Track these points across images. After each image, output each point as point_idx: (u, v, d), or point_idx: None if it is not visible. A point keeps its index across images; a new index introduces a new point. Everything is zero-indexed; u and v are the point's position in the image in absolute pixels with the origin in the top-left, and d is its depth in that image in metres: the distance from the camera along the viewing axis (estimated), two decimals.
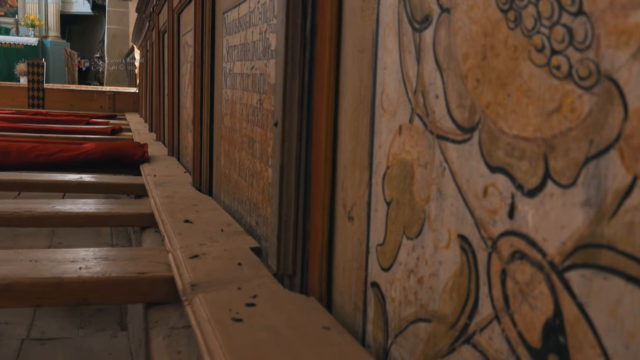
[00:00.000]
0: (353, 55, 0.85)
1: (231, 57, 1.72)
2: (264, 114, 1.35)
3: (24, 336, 2.39)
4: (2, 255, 1.14)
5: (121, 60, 12.27)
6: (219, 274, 1.02)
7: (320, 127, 0.92)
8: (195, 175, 2.10)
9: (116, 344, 2.40)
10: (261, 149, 1.38)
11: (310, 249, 0.95)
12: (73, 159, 2.69)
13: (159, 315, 1.01)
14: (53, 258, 1.14)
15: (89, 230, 3.97)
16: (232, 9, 1.70)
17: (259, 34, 1.40)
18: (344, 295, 0.88)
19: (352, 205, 0.85)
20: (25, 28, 15.99)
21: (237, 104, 1.65)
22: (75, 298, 1.04)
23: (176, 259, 1.10)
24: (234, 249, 1.18)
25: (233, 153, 1.69)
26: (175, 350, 0.87)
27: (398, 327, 0.71)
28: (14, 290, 1.00)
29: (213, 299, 0.89)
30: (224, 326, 0.79)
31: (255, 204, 1.43)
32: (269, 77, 1.30)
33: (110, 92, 8.02)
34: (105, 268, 1.09)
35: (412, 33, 0.68)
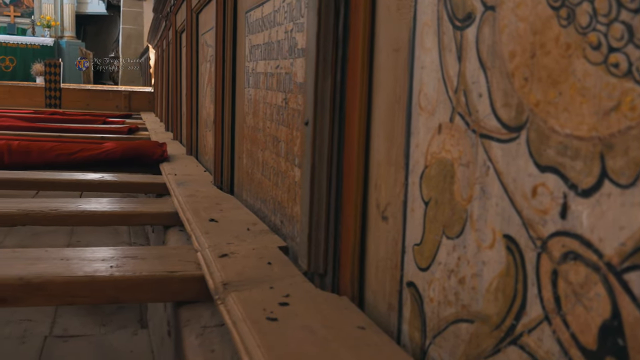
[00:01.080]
0: (387, 54, 0.85)
1: (254, 56, 1.72)
2: (290, 113, 1.35)
3: (46, 333, 2.41)
4: (33, 253, 1.15)
5: (133, 60, 12.36)
6: (249, 273, 1.02)
7: (352, 126, 0.91)
8: (216, 174, 2.11)
9: (137, 342, 2.42)
10: (287, 148, 1.38)
11: (342, 248, 0.95)
12: (93, 158, 2.71)
13: (190, 314, 1.01)
14: (84, 257, 1.14)
15: (107, 228, 4.00)
16: (255, 8, 1.71)
17: (284, 33, 1.40)
18: (377, 294, 0.88)
19: (386, 204, 0.85)
20: (41, 28, 16.14)
21: (260, 103, 1.65)
22: (108, 296, 1.05)
23: (206, 258, 1.10)
24: (262, 248, 1.18)
25: (256, 152, 1.69)
26: (209, 349, 0.87)
27: (437, 328, 0.71)
28: (47, 289, 1.01)
29: (246, 298, 0.90)
30: (259, 325, 0.79)
31: (280, 203, 1.43)
32: (296, 76, 1.30)
33: (126, 92, 8.06)
34: (135, 267, 1.10)
35: (453, 31, 0.68)
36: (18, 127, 4.47)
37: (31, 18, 16.35)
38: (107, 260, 1.13)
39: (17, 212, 1.59)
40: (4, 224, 1.60)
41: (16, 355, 2.22)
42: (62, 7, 16.41)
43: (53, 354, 2.26)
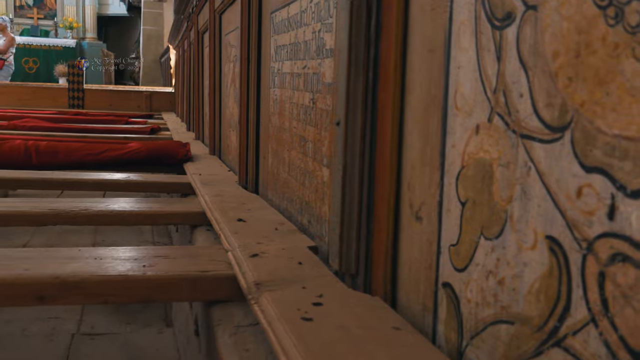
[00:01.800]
0: (422, 54, 0.84)
1: (279, 56, 1.73)
2: (318, 113, 1.35)
3: (74, 331, 2.45)
4: (67, 253, 1.16)
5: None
6: (281, 272, 1.02)
7: (385, 126, 0.91)
8: (241, 173, 2.12)
9: (162, 340, 2.44)
10: (314, 148, 1.38)
11: (374, 248, 0.95)
12: (119, 158, 2.74)
13: (222, 313, 1.02)
14: (117, 256, 1.16)
15: (131, 228, 4.04)
16: (280, 9, 1.71)
17: (312, 33, 1.40)
18: (410, 295, 0.88)
19: (420, 205, 0.85)
20: (64, 30, 16.36)
21: (286, 103, 1.65)
22: (141, 296, 1.06)
23: (236, 258, 1.11)
24: (291, 248, 1.18)
25: (282, 152, 1.70)
26: (243, 348, 0.88)
27: (474, 329, 0.71)
28: (82, 288, 1.02)
29: (279, 297, 0.90)
30: (295, 325, 0.79)
31: (307, 203, 1.43)
32: (324, 77, 1.30)
33: (147, 92, 8.13)
34: (167, 266, 1.11)
35: (491, 31, 0.67)
36: (43, 128, 4.53)
37: (54, 20, 16.58)
38: (139, 259, 1.14)
39: (49, 212, 1.62)
40: (35, 223, 1.62)
41: (45, 352, 2.26)
42: (84, 9, 16.61)
43: (80, 352, 2.29)
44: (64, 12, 16.48)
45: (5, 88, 8.04)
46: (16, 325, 2.46)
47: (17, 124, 4.53)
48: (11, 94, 7.82)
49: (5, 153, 2.72)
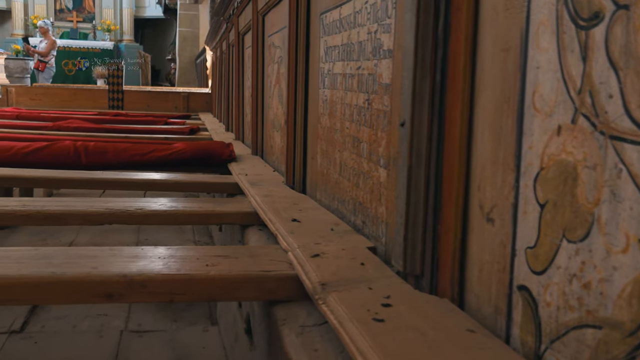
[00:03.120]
0: (493, 55, 0.84)
1: (330, 57, 1.74)
2: (374, 113, 1.35)
3: (122, 328, 2.50)
4: (131, 251, 1.19)
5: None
6: (344, 273, 1.03)
7: (453, 127, 0.91)
8: (288, 174, 2.13)
9: (207, 338, 2.47)
10: (369, 149, 1.38)
11: (441, 249, 0.95)
12: (165, 158, 2.78)
13: (286, 313, 1.02)
14: (179, 255, 1.18)
15: (172, 227, 4.10)
16: (331, 10, 1.72)
17: (367, 34, 1.40)
18: (480, 297, 0.87)
19: (492, 206, 0.84)
20: (102, 32, 16.71)
21: (337, 104, 1.66)
22: (205, 294, 1.08)
23: (298, 258, 1.12)
24: (351, 249, 1.18)
25: (332, 153, 1.70)
26: (312, 348, 0.88)
27: (555, 333, 0.70)
28: (149, 286, 1.05)
29: (347, 298, 0.90)
30: (367, 326, 0.79)
31: (362, 203, 1.43)
32: (381, 77, 1.30)
33: (184, 93, 8.24)
34: (230, 266, 1.12)
35: (575, 31, 0.66)
36: (86, 129, 4.63)
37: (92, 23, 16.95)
38: (200, 259, 1.16)
39: (105, 211, 1.66)
40: (92, 222, 1.66)
41: (96, 348, 2.31)
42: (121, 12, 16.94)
43: (129, 348, 2.34)
44: (102, 15, 16.83)
45: (48, 90, 8.25)
46: (67, 322, 2.52)
47: (62, 125, 4.64)
48: (53, 96, 8.01)
49: (55, 153, 2.78)
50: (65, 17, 16.90)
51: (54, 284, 1.03)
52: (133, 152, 2.81)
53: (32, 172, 2.32)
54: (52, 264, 1.09)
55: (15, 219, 1.60)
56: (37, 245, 3.65)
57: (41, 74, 10.88)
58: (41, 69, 10.75)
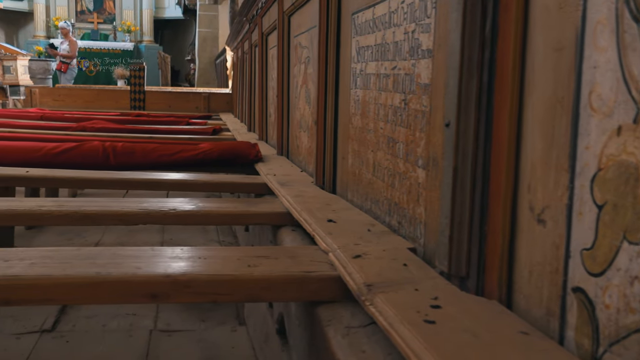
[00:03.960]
0: (545, 54, 0.83)
1: (362, 57, 1.73)
2: (411, 114, 1.35)
3: (151, 327, 2.52)
4: (172, 252, 1.20)
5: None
6: (388, 274, 1.02)
7: (501, 128, 0.90)
8: (318, 174, 2.13)
9: (236, 338, 2.48)
10: (406, 150, 1.38)
11: (488, 251, 0.94)
12: (192, 159, 2.80)
13: (330, 313, 1.02)
14: (219, 256, 1.19)
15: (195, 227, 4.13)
16: (364, 10, 1.71)
17: (404, 34, 1.40)
18: (530, 299, 0.86)
19: (543, 207, 0.83)
20: (122, 33, 16.87)
21: (370, 104, 1.65)
22: (248, 295, 1.08)
23: (339, 259, 1.12)
24: (391, 249, 1.18)
25: (365, 153, 1.70)
26: (359, 349, 0.88)
27: (615, 335, 0.69)
28: (192, 286, 1.05)
29: (394, 299, 0.90)
30: (418, 328, 0.79)
31: (397, 204, 1.43)
32: (419, 77, 1.30)
33: (205, 94, 8.29)
34: (271, 267, 1.12)
35: (637, 30, 0.65)
36: (110, 129, 4.67)
37: (113, 24, 17.12)
38: (242, 259, 1.16)
39: (140, 212, 1.67)
40: (127, 222, 1.68)
41: (126, 347, 2.33)
42: (141, 13, 17.09)
43: (159, 347, 2.36)
44: (123, 16, 16.99)
45: (71, 90, 8.36)
46: (96, 321, 2.55)
47: (86, 126, 4.69)
48: (76, 97, 8.11)
49: (84, 154, 2.82)
50: (86, 19, 17.09)
51: (100, 284, 1.04)
52: (160, 152, 2.84)
53: (63, 173, 2.35)
54: (96, 264, 1.10)
55: (52, 219, 1.62)
56: (65, 245, 3.70)
57: (63, 75, 11.02)
58: (64, 70, 10.89)
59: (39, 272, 1.05)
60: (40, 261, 1.10)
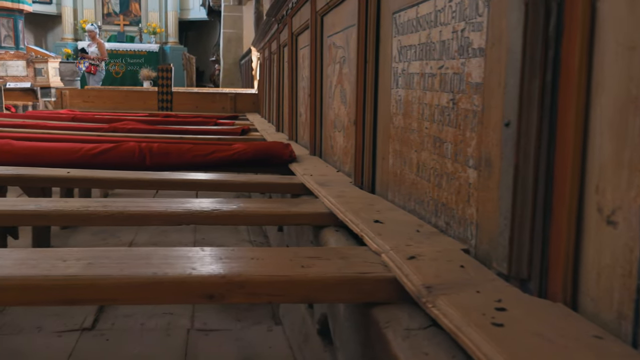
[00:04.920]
0: (616, 53, 0.81)
1: (404, 57, 1.72)
2: (460, 113, 1.33)
3: (188, 326, 2.54)
4: (224, 252, 1.20)
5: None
6: (446, 276, 1.01)
7: (566, 128, 0.89)
8: (356, 174, 2.13)
9: (273, 338, 2.49)
10: (455, 150, 1.36)
11: (551, 252, 0.92)
12: (227, 159, 2.82)
13: (387, 315, 1.02)
14: (271, 256, 1.19)
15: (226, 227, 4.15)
16: (406, 9, 1.70)
17: (452, 32, 1.38)
18: (598, 302, 0.84)
19: (614, 209, 0.82)
20: (148, 35, 17.05)
21: (414, 104, 1.64)
22: (302, 296, 1.08)
23: (394, 260, 1.11)
24: (445, 251, 1.17)
25: (407, 153, 1.69)
26: (422, 351, 0.87)
27: None
28: (248, 287, 1.05)
29: (457, 301, 0.89)
30: (487, 331, 0.78)
31: (445, 204, 1.41)
32: (469, 77, 1.28)
33: (231, 94, 8.34)
34: (325, 268, 1.12)
35: None
36: (140, 130, 4.72)
37: (138, 26, 17.32)
38: (293, 260, 1.16)
39: (183, 212, 1.68)
40: (171, 222, 1.69)
41: (165, 346, 2.35)
42: (166, 15, 17.26)
43: (197, 346, 2.37)
44: (148, 18, 17.18)
45: (100, 92, 8.47)
46: (135, 320, 2.58)
47: (117, 127, 4.74)
48: (105, 98, 8.22)
49: (121, 155, 2.85)
50: (113, 21, 17.33)
51: (157, 284, 1.05)
52: (195, 152, 2.86)
53: (102, 173, 2.38)
54: (151, 265, 1.11)
55: (99, 219, 1.64)
56: (100, 244, 3.75)
57: (92, 76, 11.17)
58: (93, 72, 11.04)
59: (97, 273, 1.06)
60: (97, 261, 1.12)
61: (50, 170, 2.36)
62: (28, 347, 2.28)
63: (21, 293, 1.03)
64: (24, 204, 1.76)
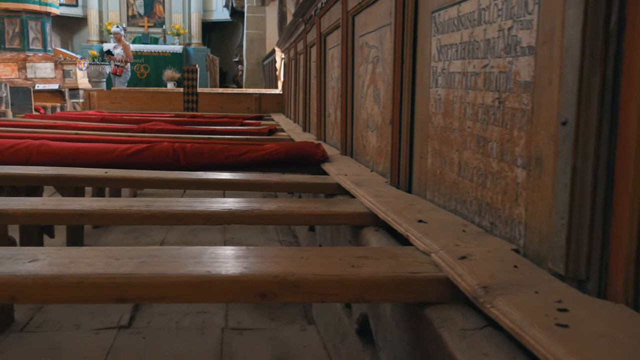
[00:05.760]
0: None
1: (445, 56, 1.71)
2: (507, 112, 1.32)
3: (222, 325, 2.55)
4: (273, 252, 1.21)
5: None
6: (501, 276, 1.01)
7: (629, 126, 0.87)
8: (393, 174, 2.12)
9: (306, 337, 2.49)
10: (501, 149, 1.35)
11: (612, 253, 0.91)
12: (260, 159, 2.83)
13: (440, 315, 1.01)
14: (320, 255, 1.19)
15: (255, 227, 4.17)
16: (446, 8, 1.69)
17: (498, 31, 1.37)
18: None
19: None
20: (171, 37, 17.21)
21: (455, 103, 1.63)
22: (355, 295, 1.08)
23: (445, 260, 1.11)
24: (496, 251, 1.16)
25: (448, 152, 1.68)
26: (481, 352, 0.87)
27: None
28: (301, 286, 1.06)
29: (517, 302, 0.88)
30: (553, 332, 0.77)
31: (490, 204, 1.40)
32: (517, 75, 1.27)
33: (256, 95, 8.38)
34: (375, 267, 1.12)
35: None
36: (168, 130, 4.76)
37: (162, 27, 17.50)
38: (343, 260, 1.17)
39: (224, 212, 1.69)
40: (213, 222, 1.70)
41: (201, 345, 2.37)
42: (189, 16, 17.41)
43: (232, 345, 2.39)
44: (172, 20, 17.34)
45: (127, 93, 8.57)
46: (170, 319, 2.60)
47: (146, 127, 4.79)
48: (132, 99, 8.32)
49: (156, 155, 2.88)
50: (137, 23, 17.53)
51: (211, 282, 1.06)
52: (228, 153, 2.88)
53: (139, 174, 2.41)
54: (203, 264, 1.12)
55: (142, 219, 1.66)
56: (131, 244, 3.80)
57: (118, 78, 11.32)
58: (119, 74, 11.18)
59: (152, 271, 1.07)
60: (149, 260, 1.13)
61: (89, 170, 2.39)
62: (68, 344, 2.31)
63: (76, 291, 1.05)
64: (68, 203, 1.79)
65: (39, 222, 1.80)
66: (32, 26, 10.93)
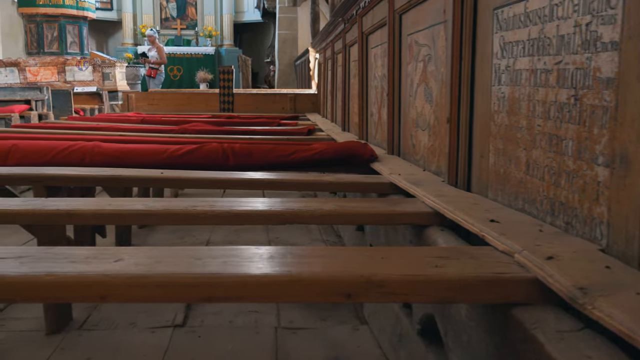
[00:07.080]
0: None
1: (509, 53, 1.69)
2: (585, 109, 1.30)
3: (275, 325, 2.56)
4: (354, 252, 1.21)
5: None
6: (595, 277, 0.98)
7: None
8: (450, 173, 2.10)
9: (359, 337, 2.49)
10: (578, 147, 1.33)
11: None
12: (309, 159, 2.83)
13: (531, 316, 0.99)
14: (400, 255, 1.18)
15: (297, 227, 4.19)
16: (511, 4, 1.67)
17: (573, 27, 1.35)
18: None
19: None
20: (204, 38, 17.39)
21: (522, 100, 1.61)
22: (439, 296, 1.07)
23: (532, 261, 1.09)
24: (582, 251, 1.14)
25: (514, 151, 1.66)
26: (582, 354, 0.85)
27: None
28: (386, 286, 1.05)
29: (619, 303, 0.86)
30: None
31: (564, 203, 1.38)
32: (598, 72, 1.24)
33: (291, 95, 8.40)
34: (458, 268, 1.11)
35: None
36: (208, 131, 4.80)
37: (195, 29, 17.69)
38: (424, 259, 1.15)
39: (286, 212, 1.70)
40: (275, 222, 1.71)
41: (255, 344, 2.39)
42: (221, 18, 17.56)
43: (286, 344, 2.40)
44: (204, 22, 17.51)
45: (164, 95, 8.69)
46: (223, 318, 2.62)
47: (187, 128, 4.84)
48: (169, 100, 8.43)
49: (205, 155, 2.91)
50: (170, 25, 17.76)
51: (296, 282, 1.06)
52: (278, 153, 2.89)
53: (193, 174, 2.43)
54: (284, 263, 1.12)
55: (207, 219, 1.68)
56: (177, 243, 3.84)
57: (152, 80, 11.47)
58: (153, 76, 11.34)
59: (237, 271, 1.08)
60: (230, 260, 1.14)
61: (145, 171, 2.43)
62: (126, 343, 2.35)
63: (164, 290, 1.06)
64: (132, 203, 1.82)
65: (106, 223, 1.84)
66: (70, 30, 11.17)
